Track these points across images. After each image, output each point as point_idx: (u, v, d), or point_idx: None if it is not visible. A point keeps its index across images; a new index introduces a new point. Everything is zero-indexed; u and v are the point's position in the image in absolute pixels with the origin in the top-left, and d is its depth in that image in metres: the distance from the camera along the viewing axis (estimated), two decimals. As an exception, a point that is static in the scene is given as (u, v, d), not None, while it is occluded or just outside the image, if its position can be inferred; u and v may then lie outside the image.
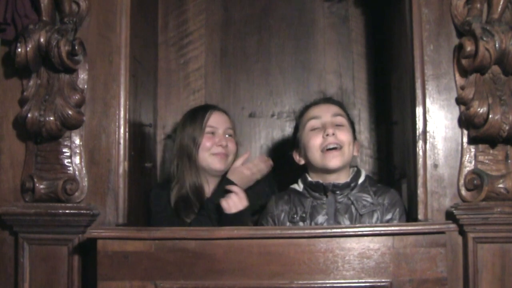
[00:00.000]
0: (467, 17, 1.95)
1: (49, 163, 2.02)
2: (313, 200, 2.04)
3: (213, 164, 2.26)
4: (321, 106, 2.12)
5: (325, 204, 2.02)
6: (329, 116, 2.06)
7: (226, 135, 2.31)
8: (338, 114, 2.08)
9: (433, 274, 1.71)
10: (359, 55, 2.75)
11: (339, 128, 2.04)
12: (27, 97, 1.99)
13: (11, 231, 2.00)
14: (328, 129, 2.01)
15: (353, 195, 2.02)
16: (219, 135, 2.29)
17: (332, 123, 2.04)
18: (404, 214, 2.03)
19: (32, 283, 1.95)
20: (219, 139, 2.27)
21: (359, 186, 2.04)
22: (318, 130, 2.05)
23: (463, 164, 1.96)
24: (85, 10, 2.03)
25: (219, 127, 2.30)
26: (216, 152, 2.26)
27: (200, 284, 1.73)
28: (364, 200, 2.01)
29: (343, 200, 2.02)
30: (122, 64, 2.03)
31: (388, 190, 2.08)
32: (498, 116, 1.87)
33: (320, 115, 2.07)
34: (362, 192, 2.03)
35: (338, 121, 2.06)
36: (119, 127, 2.02)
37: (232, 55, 2.77)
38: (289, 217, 2.04)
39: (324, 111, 2.08)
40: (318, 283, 1.72)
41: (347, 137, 2.04)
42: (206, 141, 2.27)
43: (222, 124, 2.31)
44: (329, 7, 2.77)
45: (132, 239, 1.75)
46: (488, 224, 1.87)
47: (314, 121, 2.07)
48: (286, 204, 2.08)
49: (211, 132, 2.28)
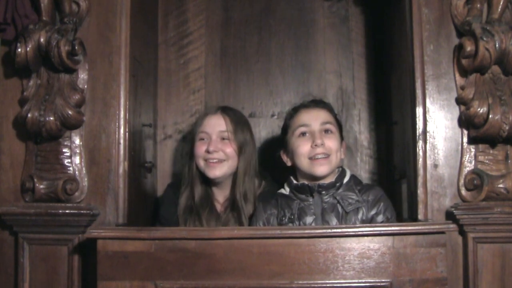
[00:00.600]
0: (467, 17, 1.95)
1: (49, 163, 2.02)
2: (300, 202, 2.06)
3: (207, 172, 2.23)
4: (311, 111, 2.12)
5: (312, 205, 2.04)
6: (318, 124, 2.07)
7: (221, 138, 2.24)
8: (327, 122, 2.09)
9: (433, 274, 1.71)
10: (359, 55, 2.75)
11: (328, 136, 2.06)
12: (27, 97, 1.99)
13: (11, 231, 2.00)
14: (317, 140, 2.03)
15: (338, 194, 2.04)
16: (211, 141, 2.22)
17: (320, 132, 2.06)
18: (389, 208, 2.05)
19: (32, 283, 1.95)
20: (209, 145, 2.21)
21: (344, 186, 2.07)
22: (306, 138, 2.07)
23: (463, 164, 1.96)
24: (85, 10, 2.03)
25: (212, 132, 2.23)
26: (207, 158, 2.22)
27: (200, 284, 1.73)
28: (349, 198, 2.03)
29: (329, 200, 2.04)
30: (122, 64, 2.03)
31: (373, 187, 2.14)
32: (498, 116, 1.87)
33: (309, 123, 2.08)
34: (347, 191, 2.06)
35: (327, 128, 2.08)
36: (119, 127, 2.02)
37: (232, 55, 2.77)
38: (278, 220, 2.06)
39: (313, 119, 2.08)
40: (318, 283, 1.72)
41: (335, 144, 2.06)
42: (197, 148, 2.24)
43: (215, 128, 2.24)
44: (329, 7, 2.77)
45: (132, 239, 1.75)
46: (488, 224, 1.87)
47: (303, 128, 2.08)
48: (274, 208, 2.10)
49: (203, 138, 2.24)
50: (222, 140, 2.24)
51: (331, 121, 2.10)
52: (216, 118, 2.27)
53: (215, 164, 2.21)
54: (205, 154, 2.22)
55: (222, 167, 2.22)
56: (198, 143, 2.25)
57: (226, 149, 2.22)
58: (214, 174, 2.22)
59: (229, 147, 2.23)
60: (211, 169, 2.22)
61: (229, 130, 2.24)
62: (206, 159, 2.22)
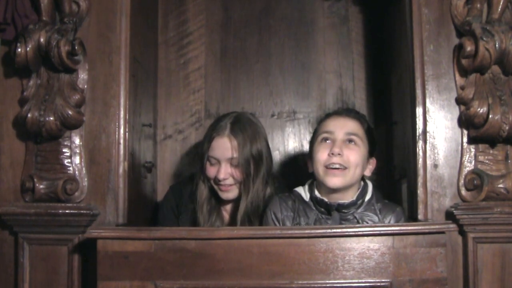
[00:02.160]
0: (467, 17, 1.95)
1: (49, 163, 2.02)
2: (318, 214, 1.99)
3: (220, 194, 2.20)
4: (339, 119, 2.02)
5: (330, 221, 1.97)
6: (342, 133, 1.97)
7: (230, 164, 2.15)
8: (353, 133, 1.98)
9: (433, 274, 1.71)
10: (359, 55, 2.75)
11: (350, 148, 1.96)
12: (27, 97, 1.99)
13: (11, 231, 2.00)
14: (335, 148, 1.94)
15: (358, 213, 1.97)
16: (221, 167, 2.15)
17: (342, 142, 1.96)
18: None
19: (32, 283, 1.95)
20: (219, 172, 2.14)
21: (365, 204, 1.98)
22: (327, 145, 1.97)
23: (463, 164, 1.96)
24: (85, 10, 2.03)
25: (221, 158, 2.14)
26: (218, 183, 2.17)
27: (200, 284, 1.73)
28: (369, 219, 1.96)
29: (348, 218, 1.97)
30: (122, 64, 2.03)
31: (394, 209, 2.01)
32: (498, 116, 1.87)
33: (334, 130, 1.98)
34: (367, 211, 1.98)
35: (351, 139, 1.97)
36: (119, 127, 2.02)
37: (232, 55, 2.77)
38: (293, 225, 2.00)
39: (339, 127, 1.99)
40: (318, 283, 1.72)
41: (355, 158, 1.95)
42: (208, 171, 2.18)
43: (224, 154, 2.14)
44: (329, 7, 2.77)
45: (132, 239, 1.75)
46: (488, 224, 1.87)
47: (326, 135, 1.98)
48: (291, 210, 2.03)
49: (212, 163, 2.17)
50: (232, 165, 2.15)
51: (357, 133, 1.99)
52: (224, 142, 2.14)
53: (227, 188, 2.18)
54: (216, 179, 2.17)
55: (234, 190, 2.19)
56: (207, 166, 2.18)
57: (235, 175, 2.16)
58: (227, 197, 2.20)
59: (239, 172, 2.15)
60: (224, 193, 2.19)
61: (237, 156, 2.13)
62: (217, 184, 2.18)
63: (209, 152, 2.16)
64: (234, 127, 2.16)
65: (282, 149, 2.74)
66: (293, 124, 2.75)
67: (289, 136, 2.75)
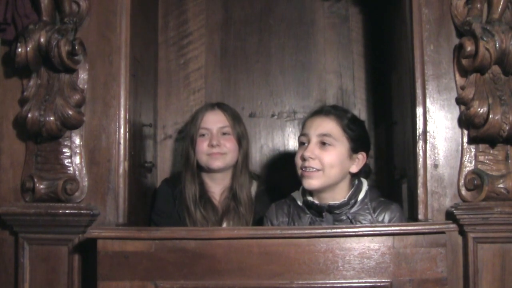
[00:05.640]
0: (467, 17, 1.95)
1: (49, 163, 2.02)
2: (311, 217, 1.99)
3: (210, 164, 2.30)
4: (313, 120, 1.99)
5: (324, 223, 1.96)
6: (315, 136, 1.94)
7: (221, 133, 2.32)
8: (325, 134, 1.93)
9: (433, 274, 1.71)
10: (359, 55, 2.75)
11: (323, 149, 1.93)
12: (27, 97, 1.99)
13: (11, 231, 2.00)
14: (306, 152, 1.93)
15: (351, 213, 1.95)
16: (212, 136, 2.30)
17: (315, 144, 1.94)
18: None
19: (32, 283, 1.95)
20: (212, 139, 2.29)
21: (358, 203, 1.96)
22: (303, 148, 1.96)
23: (463, 164, 1.96)
24: (85, 10, 2.03)
25: (212, 127, 2.31)
26: (210, 152, 2.29)
27: (200, 284, 1.73)
28: (362, 219, 1.94)
29: (342, 219, 1.95)
30: (122, 64, 2.03)
31: (389, 207, 1.97)
32: (498, 116, 1.87)
33: (307, 132, 1.97)
34: (361, 210, 1.95)
35: (323, 140, 1.93)
36: (119, 127, 2.02)
37: (232, 55, 2.77)
38: None
39: (312, 129, 1.96)
40: (318, 283, 1.72)
41: (329, 159, 1.91)
42: (200, 144, 2.31)
43: (215, 123, 2.32)
44: (329, 7, 2.77)
45: (132, 239, 1.75)
46: (488, 224, 1.87)
47: (303, 138, 1.98)
48: (286, 216, 2.04)
49: (204, 134, 2.32)
50: (223, 135, 2.32)
51: (331, 133, 1.93)
52: (215, 114, 2.34)
53: (218, 156, 2.29)
54: (207, 149, 2.29)
55: (225, 158, 2.30)
56: (199, 140, 2.31)
57: (227, 143, 2.31)
58: (218, 165, 2.29)
59: (230, 141, 2.32)
60: (214, 160, 2.29)
61: (229, 125, 2.33)
62: (209, 153, 2.29)
63: (201, 125, 2.31)
64: (221, 105, 2.40)
65: (282, 149, 2.74)
66: (293, 124, 2.75)
67: (289, 136, 2.75)
